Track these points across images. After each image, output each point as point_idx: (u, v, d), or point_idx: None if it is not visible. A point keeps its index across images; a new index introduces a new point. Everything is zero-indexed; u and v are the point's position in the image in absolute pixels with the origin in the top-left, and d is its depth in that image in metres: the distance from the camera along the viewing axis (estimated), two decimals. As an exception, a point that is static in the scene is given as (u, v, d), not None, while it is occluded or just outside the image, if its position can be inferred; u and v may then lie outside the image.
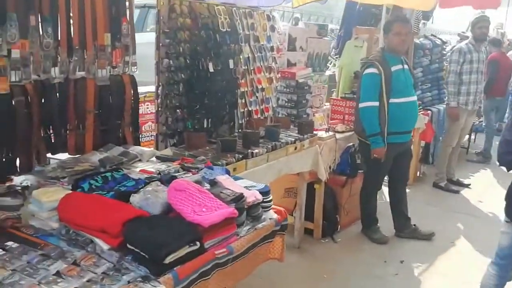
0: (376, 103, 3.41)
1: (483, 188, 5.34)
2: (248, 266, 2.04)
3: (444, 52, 5.87)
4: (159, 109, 2.87)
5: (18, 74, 2.15)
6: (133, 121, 2.75)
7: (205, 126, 3.10)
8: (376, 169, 3.70)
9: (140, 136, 2.88)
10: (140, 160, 2.50)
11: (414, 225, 3.96)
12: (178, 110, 2.88)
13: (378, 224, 3.94)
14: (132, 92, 2.66)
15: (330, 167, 3.80)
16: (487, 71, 5.59)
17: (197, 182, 2.04)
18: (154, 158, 2.56)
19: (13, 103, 2.15)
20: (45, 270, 1.57)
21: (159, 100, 2.85)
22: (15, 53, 2.10)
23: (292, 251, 3.47)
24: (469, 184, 5.39)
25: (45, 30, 2.18)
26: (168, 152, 2.78)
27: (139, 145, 2.81)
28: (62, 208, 1.84)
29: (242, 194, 1.96)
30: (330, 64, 4.98)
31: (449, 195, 5.09)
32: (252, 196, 2.01)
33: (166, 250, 1.58)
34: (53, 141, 2.44)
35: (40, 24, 2.17)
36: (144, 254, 1.60)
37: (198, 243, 1.70)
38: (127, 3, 2.54)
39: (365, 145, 3.64)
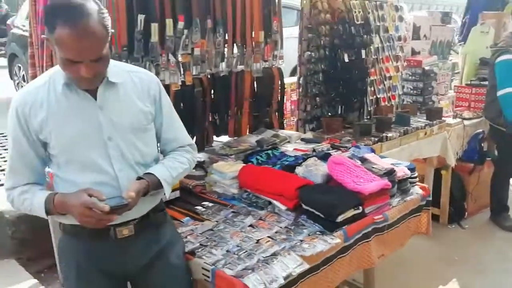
0: None
1: None
2: (400, 237, 2.25)
3: None
4: (300, 97, 3.18)
5: (197, 68, 2.61)
6: (279, 108, 3.11)
7: (338, 112, 3.34)
8: (510, 155, 3.63)
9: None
10: (288, 142, 2.83)
11: (550, 214, 3.81)
12: (317, 98, 3.17)
13: (509, 212, 3.86)
14: (279, 82, 3.02)
15: (457, 154, 3.82)
16: None
17: (350, 158, 2.30)
18: (299, 140, 2.90)
19: (194, 92, 2.61)
20: (241, 222, 1.96)
21: (300, 89, 3.15)
22: (197, 51, 2.55)
23: (419, 236, 3.57)
24: None
25: (218, 30, 2.60)
26: (309, 135, 3.08)
27: (283, 129, 3.16)
28: (243, 177, 2.23)
29: (393, 168, 2.18)
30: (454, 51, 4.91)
31: None
32: (401, 171, 2.23)
33: (338, 210, 1.88)
34: (218, 124, 2.89)
35: (214, 26, 2.59)
36: (319, 214, 1.91)
37: (360, 207, 1.97)
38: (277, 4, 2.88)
39: (498, 132, 3.60)
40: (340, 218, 1.88)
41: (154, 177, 1.52)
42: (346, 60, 3.20)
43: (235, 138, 2.92)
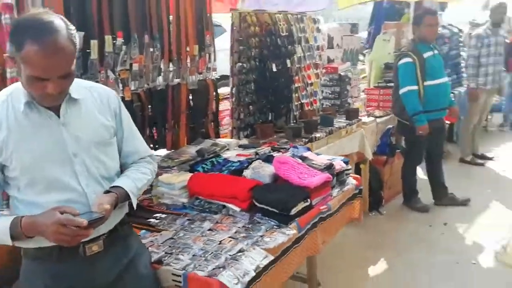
0: (415, 87, 3.86)
1: (505, 159, 5.74)
2: (338, 224, 2.49)
3: (461, 39, 6.30)
4: (234, 106, 3.34)
5: (135, 83, 2.64)
6: (214, 118, 3.23)
7: (269, 118, 3.56)
8: (416, 145, 4.14)
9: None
10: (228, 149, 2.96)
11: (451, 193, 4.39)
12: (250, 106, 3.35)
13: (418, 196, 4.37)
14: (214, 93, 3.15)
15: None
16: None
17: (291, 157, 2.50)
18: (237, 147, 3.04)
19: (133, 107, 2.63)
20: (200, 228, 2.05)
21: (233, 99, 3.31)
22: (135, 67, 2.58)
23: (347, 225, 3.89)
24: (493, 157, 5.80)
25: (155, 45, 2.66)
26: (245, 142, 3.24)
27: (219, 137, 3.28)
28: (193, 185, 2.31)
29: (331, 163, 2.42)
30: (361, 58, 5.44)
31: (476, 168, 5.51)
32: (338, 164, 2.48)
33: (291, 204, 2.05)
34: (156, 138, 2.92)
35: (151, 41, 2.65)
36: (273, 209, 2.07)
37: (309, 200, 2.17)
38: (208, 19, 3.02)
39: (405, 126, 4.08)
40: (293, 211, 2.06)
41: (122, 190, 1.56)
42: (274, 69, 3.43)
43: (173, 150, 2.97)
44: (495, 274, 3.13)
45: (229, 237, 1.95)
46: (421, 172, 4.62)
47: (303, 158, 2.52)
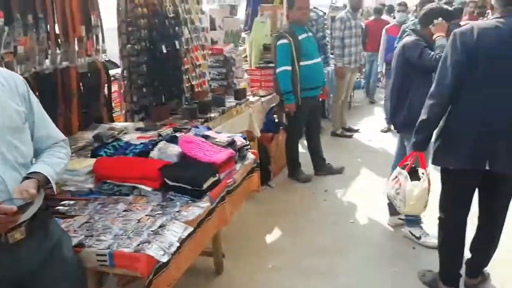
0: (289, 67, 4.26)
1: (369, 130, 6.66)
2: (241, 195, 2.74)
3: (326, 22, 7.01)
4: (126, 89, 3.33)
5: (21, 67, 2.49)
6: (107, 102, 3.19)
7: (162, 100, 3.62)
8: (297, 121, 4.60)
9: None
10: (126, 133, 2.98)
11: (329, 163, 4.99)
12: (144, 89, 3.37)
13: (301, 168, 4.88)
14: (106, 76, 3.10)
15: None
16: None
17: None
18: (135, 130, 3.07)
19: (21, 93, 2.49)
20: (115, 210, 2.10)
21: (125, 81, 3.30)
22: (20, 49, 2.44)
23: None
24: (359, 129, 6.68)
25: (40, 26, 2.54)
26: (141, 125, 3.27)
27: (113, 121, 3.26)
28: (99, 169, 2.33)
29: (233, 139, 2.64)
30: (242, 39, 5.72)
31: (346, 140, 6.31)
32: (239, 140, 2.71)
33: (203, 179, 2.22)
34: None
35: (36, 22, 2.51)
36: (186, 186, 2.21)
37: (217, 175, 2.36)
38: (95, -1, 2.95)
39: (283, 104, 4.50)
40: (204, 186, 2.23)
41: (41, 175, 1.56)
42: (164, 51, 3.49)
43: (70, 136, 2.88)
44: (368, 229, 3.72)
45: (146, 215, 2.05)
46: (302, 147, 5.14)
47: (206, 137, 2.69)
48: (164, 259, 1.76)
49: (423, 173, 2.62)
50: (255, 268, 3.13)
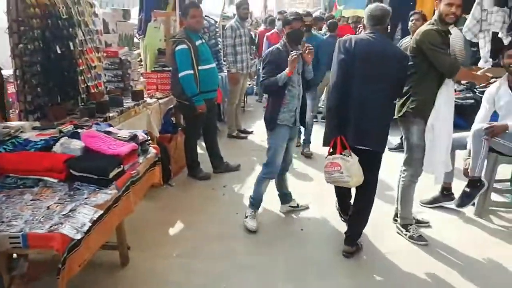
0: (191, 71, 4.56)
1: (262, 132, 7.21)
2: (144, 187, 3.00)
3: (217, 30, 7.46)
4: (19, 88, 3.35)
5: None
6: (0, 102, 3.20)
7: (58, 101, 3.70)
8: (194, 122, 4.92)
9: (4, 114, 3.32)
10: (22, 131, 3.04)
11: (226, 162, 5.39)
12: (38, 88, 3.42)
13: (200, 166, 5.21)
14: (-2, 75, 3.12)
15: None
16: None
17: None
18: (31, 129, 3.14)
19: None
20: (22, 199, 2.23)
21: (18, 81, 3.33)
22: None
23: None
24: (252, 131, 7.22)
25: None
26: (37, 124, 3.33)
27: (8, 121, 3.27)
28: (1, 164, 2.41)
29: (135, 134, 2.89)
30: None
31: (241, 141, 6.79)
32: (141, 135, 2.96)
33: (110, 168, 2.45)
34: None
35: None
36: (92, 176, 2.42)
37: (121, 166, 2.59)
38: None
39: (184, 106, 4.79)
40: (111, 175, 2.45)
41: None
42: (59, 51, 3.58)
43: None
44: (263, 216, 4.17)
45: (55, 203, 2.22)
46: (200, 148, 5.47)
47: (108, 133, 2.90)
48: (78, 236, 1.97)
49: (349, 152, 3.16)
50: (160, 257, 3.37)
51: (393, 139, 6.02)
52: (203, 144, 5.40)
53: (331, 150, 3.27)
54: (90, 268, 3.05)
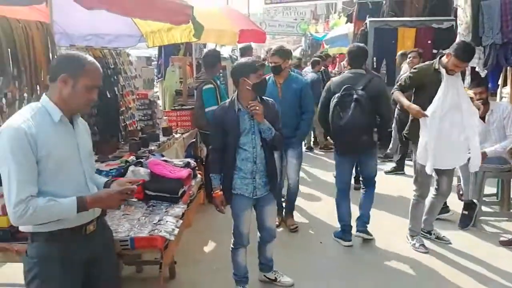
0: (216, 107, 5.20)
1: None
2: (196, 206, 3.59)
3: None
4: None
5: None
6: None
7: (107, 138, 4.32)
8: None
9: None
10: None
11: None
12: (95, 127, 4.04)
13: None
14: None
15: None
16: None
17: (156, 161, 3.46)
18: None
19: None
20: (114, 214, 2.80)
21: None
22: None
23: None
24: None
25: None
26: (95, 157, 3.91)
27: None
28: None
29: (189, 161, 3.52)
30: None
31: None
32: (192, 162, 3.59)
33: (178, 188, 3.05)
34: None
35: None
36: (165, 194, 3.02)
37: (184, 186, 3.21)
38: None
39: (207, 135, 5.42)
40: (180, 193, 3.06)
41: None
42: (109, 96, 4.23)
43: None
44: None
45: (142, 215, 2.81)
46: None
47: (165, 161, 3.52)
48: (172, 238, 2.56)
49: None
50: (202, 271, 3.88)
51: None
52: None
53: None
54: (141, 281, 3.60)
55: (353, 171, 4.69)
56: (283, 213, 4.76)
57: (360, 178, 4.52)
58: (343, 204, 4.26)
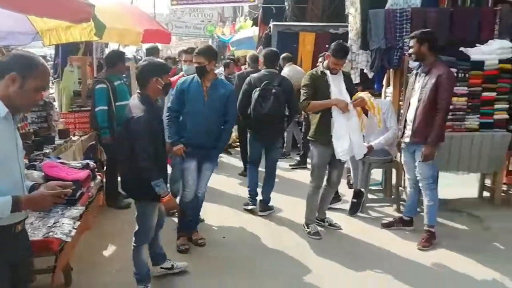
0: (106, 107, 5.09)
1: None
2: (95, 208, 3.56)
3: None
4: None
5: None
6: None
7: None
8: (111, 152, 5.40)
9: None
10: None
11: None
12: None
13: (120, 196, 5.69)
14: None
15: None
16: None
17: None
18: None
19: None
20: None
21: None
22: None
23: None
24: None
25: None
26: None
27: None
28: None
29: (88, 162, 3.47)
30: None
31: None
32: (91, 164, 3.55)
33: (75, 190, 3.01)
34: None
35: None
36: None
37: (82, 188, 3.17)
38: None
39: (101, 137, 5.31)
40: (77, 196, 3.03)
41: None
42: None
43: None
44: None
45: (36, 219, 2.75)
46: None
47: (62, 163, 3.44)
48: (69, 239, 2.55)
49: None
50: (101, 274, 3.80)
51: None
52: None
53: None
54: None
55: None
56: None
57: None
58: (253, 174, 5.19)
